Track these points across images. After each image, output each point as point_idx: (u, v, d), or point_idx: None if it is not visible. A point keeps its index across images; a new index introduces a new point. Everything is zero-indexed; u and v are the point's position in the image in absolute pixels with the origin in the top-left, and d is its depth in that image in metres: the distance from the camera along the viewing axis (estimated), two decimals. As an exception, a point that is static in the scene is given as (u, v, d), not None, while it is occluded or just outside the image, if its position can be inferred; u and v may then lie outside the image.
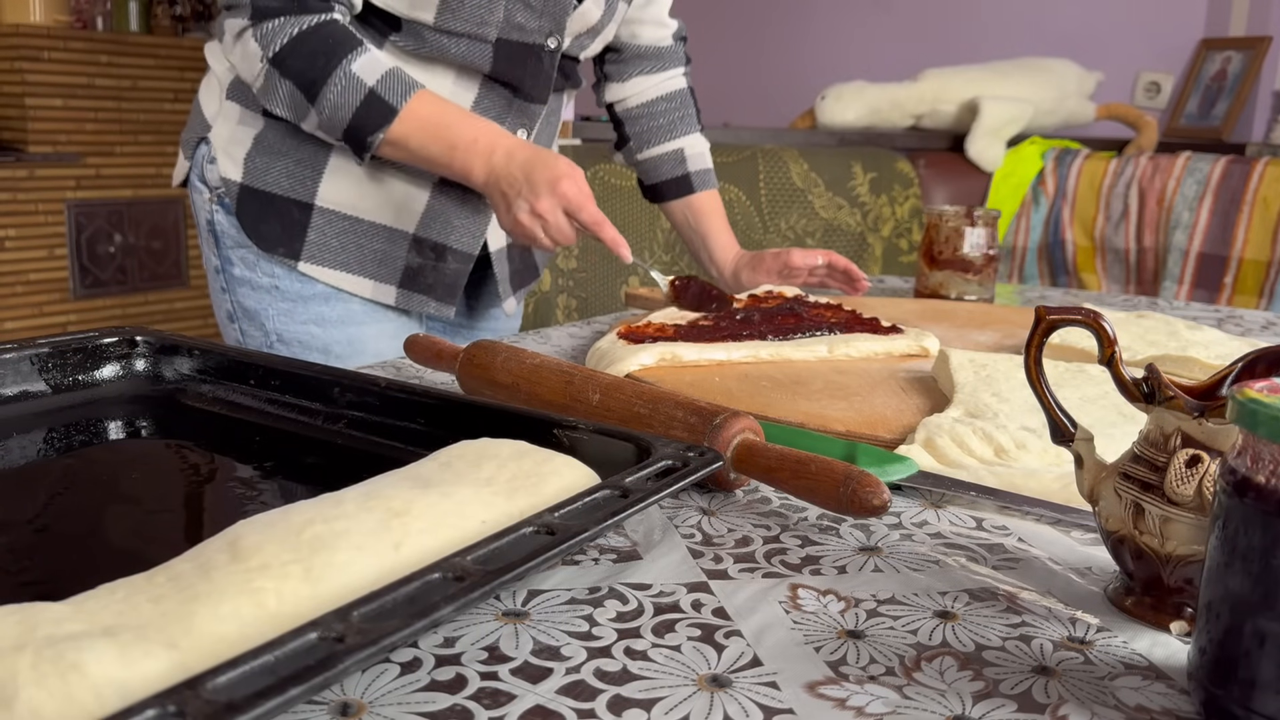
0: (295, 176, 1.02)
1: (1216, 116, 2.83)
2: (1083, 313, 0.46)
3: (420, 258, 1.06)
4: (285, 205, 1.02)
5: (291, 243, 1.03)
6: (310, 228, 1.03)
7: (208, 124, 1.05)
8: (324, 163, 1.01)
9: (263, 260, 1.04)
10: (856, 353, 0.86)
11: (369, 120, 0.93)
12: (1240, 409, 0.34)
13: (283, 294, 1.05)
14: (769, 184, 2.13)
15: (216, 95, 1.05)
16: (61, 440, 0.63)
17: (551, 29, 1.02)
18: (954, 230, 1.21)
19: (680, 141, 1.22)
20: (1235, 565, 0.35)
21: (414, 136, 0.95)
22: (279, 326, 1.06)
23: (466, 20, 0.96)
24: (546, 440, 0.54)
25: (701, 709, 0.36)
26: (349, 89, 0.93)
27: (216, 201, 1.05)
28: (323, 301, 1.05)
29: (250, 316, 1.07)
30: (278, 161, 1.02)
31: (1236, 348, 0.87)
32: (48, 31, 3.16)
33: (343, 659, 0.32)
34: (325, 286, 1.05)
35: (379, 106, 0.93)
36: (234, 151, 1.03)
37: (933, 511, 0.56)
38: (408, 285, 1.06)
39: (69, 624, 0.33)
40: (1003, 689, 0.38)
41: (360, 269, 1.05)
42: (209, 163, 1.04)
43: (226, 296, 1.07)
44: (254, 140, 1.02)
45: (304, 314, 1.05)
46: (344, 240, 1.04)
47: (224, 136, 1.03)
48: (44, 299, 3.25)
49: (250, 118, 1.02)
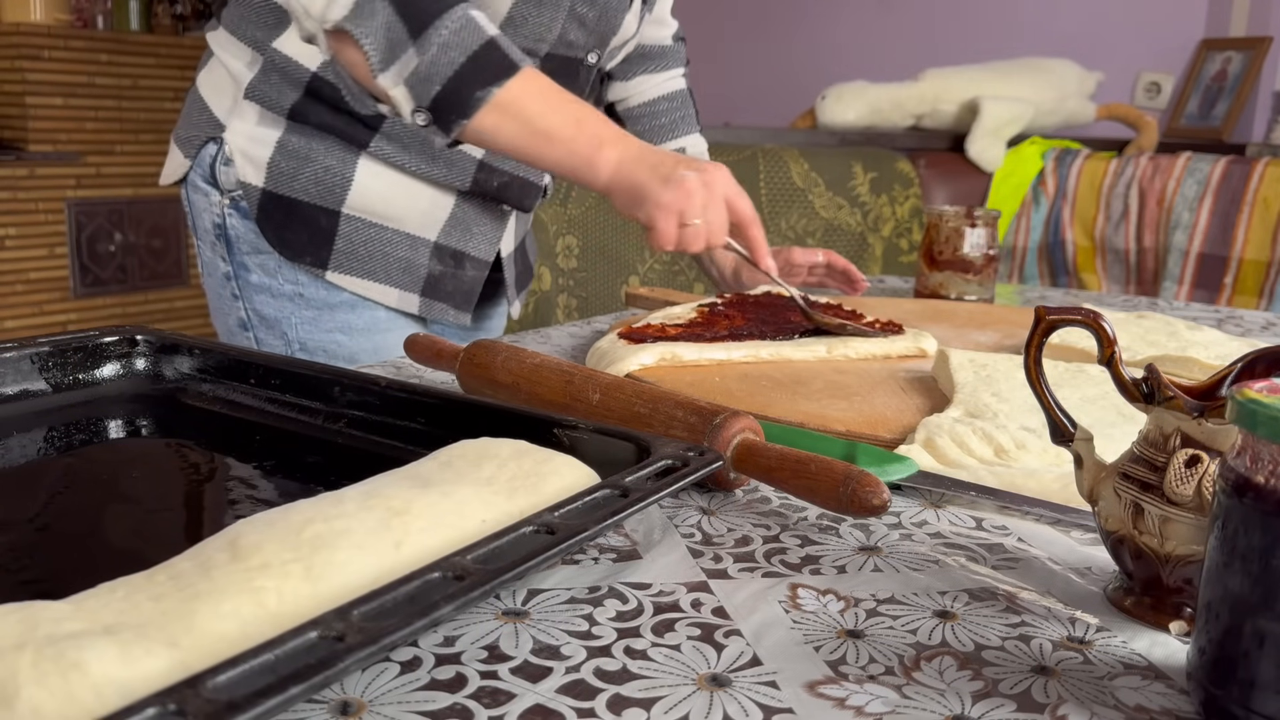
0: (324, 184, 0.98)
1: (1217, 117, 2.83)
2: (1082, 313, 0.46)
3: (441, 265, 1.04)
4: (312, 213, 0.99)
5: (318, 251, 0.99)
6: (338, 236, 0.99)
7: (218, 122, 1.00)
8: (353, 169, 0.98)
9: (285, 267, 1.00)
10: (855, 353, 0.86)
11: (485, 70, 0.79)
12: (1240, 409, 0.34)
13: (307, 302, 1.01)
14: (769, 184, 2.13)
15: (229, 92, 1.00)
16: (62, 439, 0.63)
17: (596, 45, 1.02)
18: (954, 230, 1.21)
19: (682, 141, 1.22)
20: (1235, 565, 0.35)
21: (535, 100, 0.81)
22: (302, 335, 1.02)
23: (526, 37, 0.94)
24: (546, 440, 0.54)
25: (701, 708, 0.36)
26: (466, 30, 0.78)
27: (231, 205, 1.01)
28: (349, 310, 1.02)
29: (270, 325, 1.03)
30: (305, 167, 0.98)
31: (1236, 348, 0.87)
32: (48, 30, 3.16)
33: (343, 658, 0.32)
34: (351, 294, 1.02)
35: (499, 57, 0.79)
36: (255, 154, 0.98)
37: (932, 511, 0.56)
38: (430, 293, 1.05)
39: (69, 623, 0.33)
40: (1002, 689, 0.38)
41: (386, 277, 1.02)
42: (224, 164, 0.99)
43: (239, 304, 1.03)
44: (277, 144, 0.98)
45: (329, 322, 1.02)
46: (370, 249, 1.01)
47: (242, 137, 0.98)
48: (44, 298, 3.25)
49: (271, 119, 0.98)
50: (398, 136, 0.99)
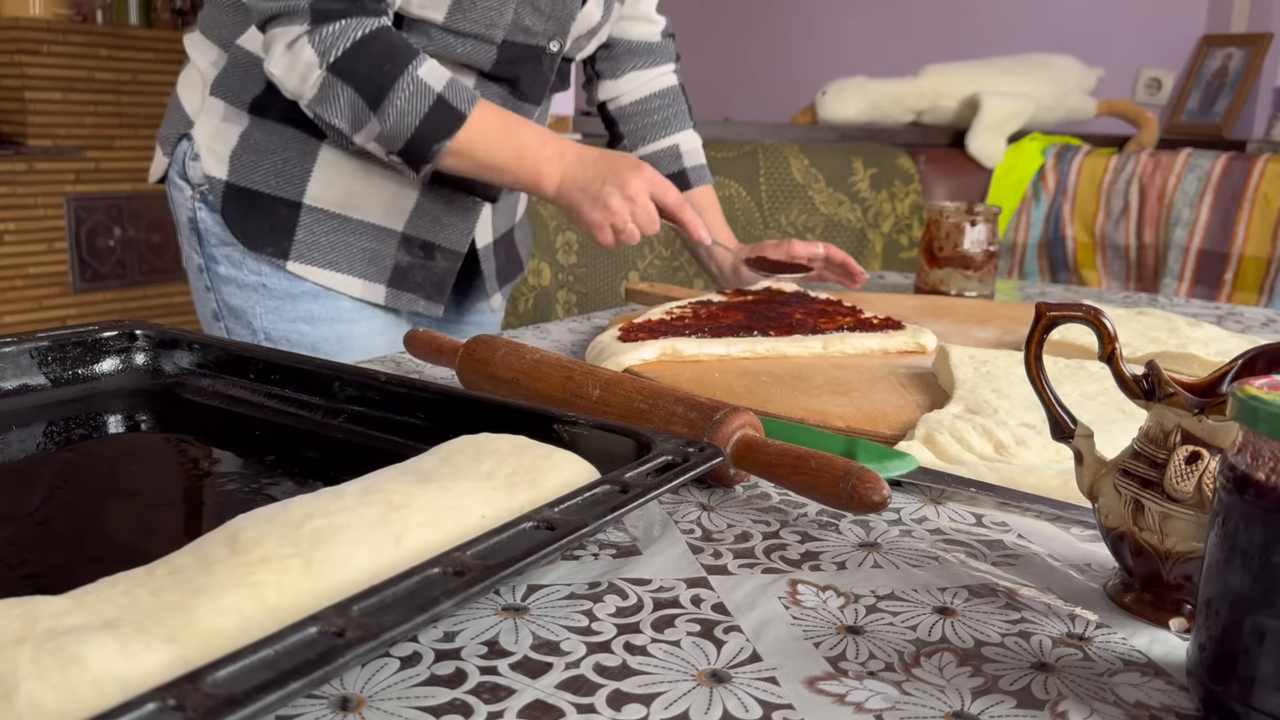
0: (283, 175, 1.00)
1: (1217, 113, 2.83)
2: (1084, 309, 0.46)
3: (409, 256, 1.05)
4: (272, 203, 1.01)
5: (279, 241, 1.01)
6: (299, 226, 1.01)
7: (189, 120, 1.03)
8: (312, 160, 1.00)
9: (249, 258, 1.03)
10: (852, 349, 0.86)
11: (436, 128, 0.91)
12: (1241, 406, 0.34)
13: (270, 292, 1.03)
14: (769, 180, 2.13)
15: (198, 90, 1.03)
16: (61, 434, 0.63)
17: (555, 32, 1.02)
18: (954, 226, 1.21)
19: (675, 138, 1.23)
20: (1235, 562, 0.35)
21: (481, 143, 0.93)
22: (266, 325, 1.04)
23: (476, 21, 0.96)
24: (546, 435, 0.54)
25: (701, 704, 0.36)
26: (417, 95, 0.90)
27: (200, 199, 1.03)
28: (311, 299, 1.04)
29: (237, 315, 1.05)
30: (265, 159, 1.00)
31: (1236, 345, 0.87)
32: (47, 25, 3.16)
33: (343, 653, 0.32)
34: (314, 285, 1.03)
35: (447, 112, 0.91)
36: (218, 149, 1.01)
37: (932, 508, 0.56)
38: (397, 284, 1.06)
39: (69, 617, 0.33)
40: (1002, 685, 0.38)
41: (349, 268, 1.04)
42: (191, 159, 1.02)
43: (211, 295, 1.06)
44: (240, 138, 1.00)
45: (292, 312, 1.04)
46: (333, 239, 1.02)
47: (208, 133, 1.01)
48: (43, 293, 3.24)
49: (235, 114, 1.00)
50: None
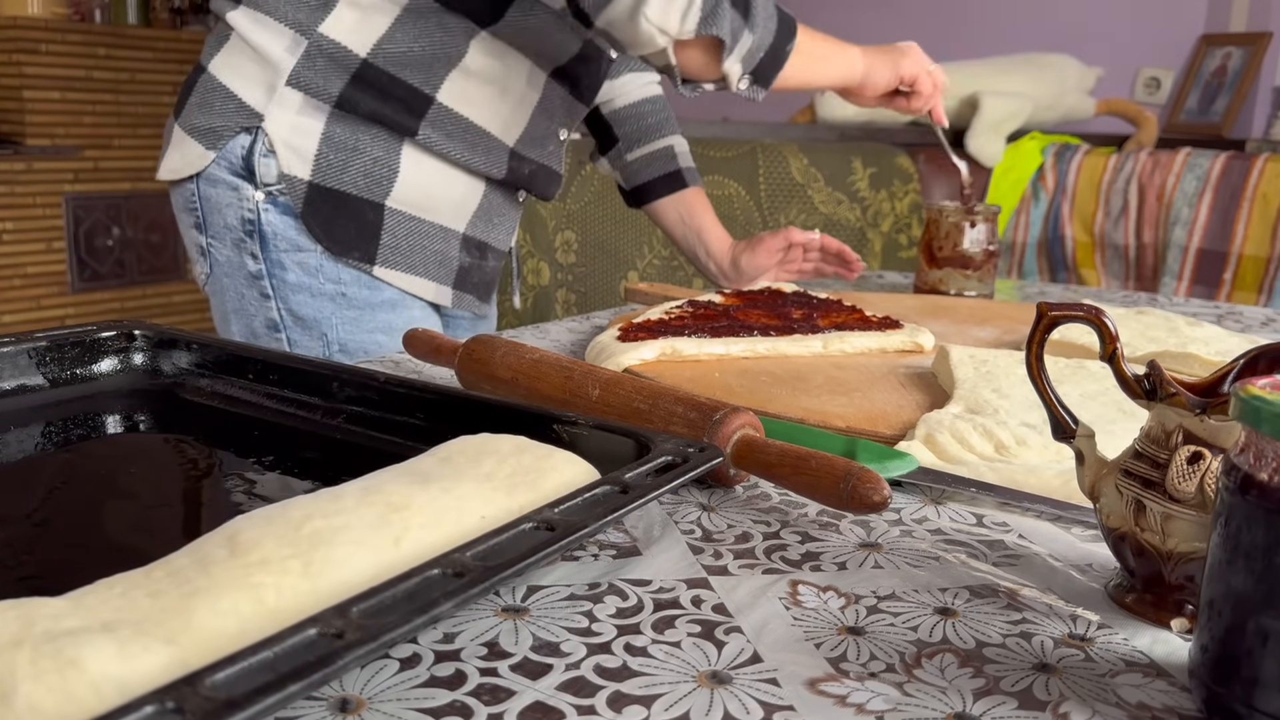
0: (372, 176, 0.96)
1: (1216, 112, 2.83)
2: (1085, 309, 0.46)
3: (469, 257, 1.05)
4: (360, 206, 0.97)
5: (366, 246, 0.98)
6: (384, 230, 0.98)
7: (251, 111, 0.95)
8: (398, 159, 0.97)
9: (327, 265, 0.98)
10: (851, 348, 0.86)
11: (784, 30, 0.97)
12: (1243, 406, 0.34)
13: (350, 301, 0.99)
14: (768, 179, 2.13)
15: (257, 78, 0.95)
16: (59, 435, 0.62)
17: None
18: (954, 226, 1.20)
19: (669, 140, 1.26)
20: (1237, 563, 0.35)
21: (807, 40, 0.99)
22: (343, 335, 1.00)
23: None
24: (546, 435, 0.53)
25: (702, 705, 0.36)
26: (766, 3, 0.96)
27: (269, 200, 0.96)
28: (390, 309, 1.01)
29: (306, 325, 1.00)
30: (353, 159, 0.96)
31: (1236, 344, 0.87)
32: (45, 24, 3.16)
33: (342, 655, 0.32)
34: (393, 292, 1.00)
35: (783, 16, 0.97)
36: (300, 146, 0.95)
37: (933, 508, 0.56)
38: (460, 285, 1.05)
39: (67, 619, 0.33)
40: (1003, 686, 0.38)
41: (425, 271, 1.02)
42: (263, 156, 0.95)
43: (272, 303, 0.99)
44: (322, 135, 0.95)
45: (370, 323, 1.00)
46: (411, 242, 1.00)
47: (285, 127, 0.94)
48: (42, 292, 3.24)
49: (313, 108, 0.94)
50: (443, 124, 0.97)
